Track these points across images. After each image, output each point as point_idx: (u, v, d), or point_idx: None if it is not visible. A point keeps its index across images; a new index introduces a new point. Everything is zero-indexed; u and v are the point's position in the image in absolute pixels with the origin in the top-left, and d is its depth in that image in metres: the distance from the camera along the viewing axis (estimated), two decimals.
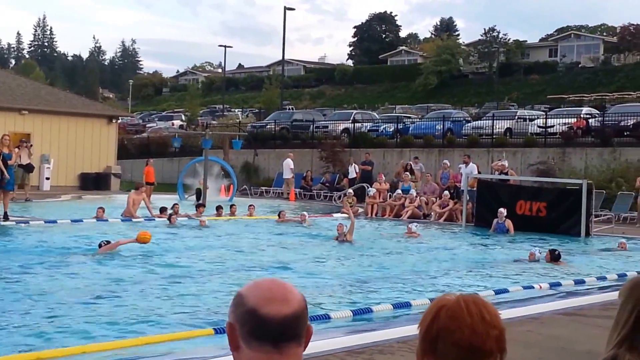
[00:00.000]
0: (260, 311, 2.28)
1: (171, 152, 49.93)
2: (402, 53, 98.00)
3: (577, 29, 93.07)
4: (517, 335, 9.85)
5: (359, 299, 12.79)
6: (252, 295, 2.33)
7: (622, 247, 20.92)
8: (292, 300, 2.32)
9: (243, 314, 2.31)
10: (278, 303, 2.30)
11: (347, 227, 20.96)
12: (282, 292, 2.33)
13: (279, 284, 2.37)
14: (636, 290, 3.42)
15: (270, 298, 2.31)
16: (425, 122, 45.47)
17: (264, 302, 2.30)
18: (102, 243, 17.35)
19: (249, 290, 2.36)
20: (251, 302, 2.31)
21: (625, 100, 55.06)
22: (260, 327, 2.28)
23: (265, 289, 2.34)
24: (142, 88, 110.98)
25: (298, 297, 2.36)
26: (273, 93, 70.24)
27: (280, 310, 2.28)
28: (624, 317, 3.39)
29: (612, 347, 3.39)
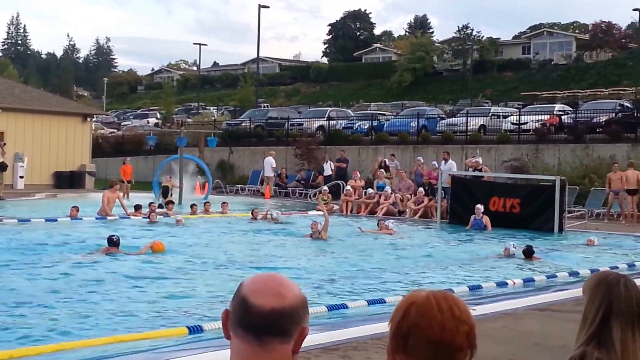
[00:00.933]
0: (249, 301, 2.29)
1: (146, 150, 49.73)
2: (376, 50, 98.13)
3: (549, 27, 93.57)
4: (491, 331, 9.91)
5: (334, 296, 12.82)
6: (248, 284, 2.34)
7: (590, 243, 21.07)
8: (285, 296, 2.31)
9: (236, 301, 2.32)
10: (268, 296, 2.29)
11: (322, 224, 20.96)
12: (277, 287, 2.32)
13: (277, 278, 2.37)
14: (601, 287, 3.46)
15: (262, 290, 2.31)
16: (400, 120, 45.53)
17: (254, 293, 2.30)
18: (113, 238, 17.39)
19: (248, 280, 2.37)
20: (244, 291, 2.32)
21: (598, 96, 55.43)
22: (246, 317, 2.29)
23: (261, 281, 2.35)
24: (116, 86, 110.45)
25: (294, 294, 2.34)
26: (248, 91, 70.14)
27: (267, 303, 2.28)
28: (591, 315, 3.43)
29: (580, 345, 3.43)
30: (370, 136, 42.64)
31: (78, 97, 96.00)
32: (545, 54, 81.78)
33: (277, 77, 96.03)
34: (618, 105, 40.10)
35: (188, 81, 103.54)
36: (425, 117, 44.66)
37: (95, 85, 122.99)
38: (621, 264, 16.95)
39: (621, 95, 55.03)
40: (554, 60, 78.45)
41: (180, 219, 24.24)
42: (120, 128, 63.30)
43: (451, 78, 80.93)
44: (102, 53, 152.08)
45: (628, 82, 60.63)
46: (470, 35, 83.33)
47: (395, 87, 79.66)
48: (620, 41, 75.51)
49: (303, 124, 47.24)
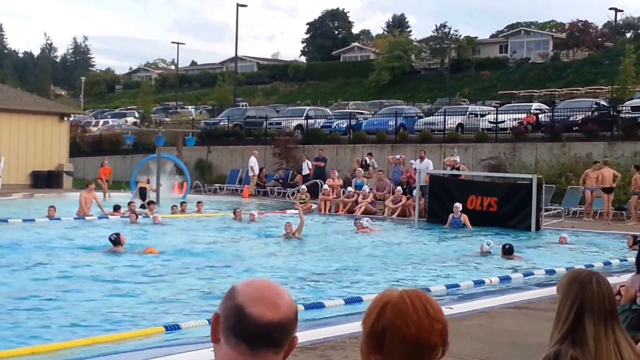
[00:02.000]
0: (246, 309, 2.25)
1: (124, 150, 49.56)
2: (354, 49, 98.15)
3: (526, 26, 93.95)
4: (468, 329, 9.97)
5: (310, 295, 12.84)
6: (244, 292, 2.29)
7: (562, 241, 21.19)
8: (281, 307, 2.28)
9: (230, 308, 2.28)
10: (266, 306, 2.26)
11: (296, 225, 20.92)
12: (274, 296, 2.29)
13: (274, 287, 2.33)
14: (573, 286, 3.50)
15: (260, 299, 2.27)
16: (378, 118, 45.60)
17: (251, 302, 2.26)
18: (112, 237, 17.46)
19: (242, 286, 2.32)
20: (240, 298, 2.28)
21: (574, 95, 55.67)
22: (241, 326, 2.25)
23: (257, 288, 2.30)
24: (94, 85, 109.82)
25: (288, 305, 2.31)
26: (226, 90, 69.95)
27: (264, 314, 2.25)
28: (564, 313, 3.47)
29: (554, 343, 3.47)
30: (348, 135, 42.69)
31: (55, 97, 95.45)
32: (522, 52, 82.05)
33: (255, 76, 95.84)
34: (594, 103, 40.32)
35: (166, 80, 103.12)
36: (403, 116, 44.77)
37: (73, 85, 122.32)
38: (597, 263, 17.06)
39: (597, 94, 55.29)
40: (531, 59, 78.71)
41: (158, 217, 24.20)
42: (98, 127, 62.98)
43: (429, 77, 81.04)
44: (80, 52, 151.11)
45: (604, 80, 60.90)
46: (448, 34, 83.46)
47: (374, 86, 79.68)
48: (596, 40, 75.86)
49: (281, 123, 47.22)
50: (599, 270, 15.48)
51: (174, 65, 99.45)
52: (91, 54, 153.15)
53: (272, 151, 41.64)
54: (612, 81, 53.17)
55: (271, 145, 42.06)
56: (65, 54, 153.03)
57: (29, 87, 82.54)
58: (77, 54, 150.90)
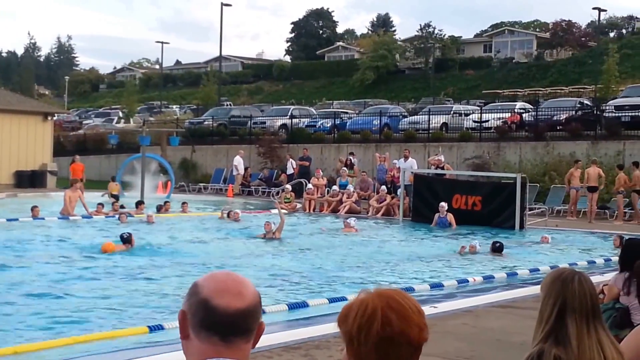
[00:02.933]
0: (212, 302, 2.28)
1: (108, 149, 49.41)
2: (339, 49, 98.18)
3: (510, 25, 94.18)
4: (452, 328, 9.99)
5: (294, 295, 12.83)
6: (207, 285, 2.33)
7: (544, 241, 21.26)
8: (246, 295, 2.32)
9: (196, 303, 2.31)
10: (231, 296, 2.29)
11: (276, 224, 20.84)
12: (237, 285, 2.33)
13: (235, 277, 2.37)
14: (556, 285, 3.51)
15: (224, 290, 2.31)
16: (363, 118, 45.61)
17: (216, 294, 2.30)
18: (124, 235, 17.69)
19: (204, 280, 2.36)
20: (204, 292, 2.31)
21: (558, 94, 55.90)
22: (210, 318, 2.28)
23: (220, 280, 2.34)
24: (78, 85, 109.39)
25: (252, 292, 2.35)
26: (211, 89, 69.86)
27: (231, 304, 2.28)
28: (547, 312, 3.48)
29: (537, 342, 3.48)
30: (333, 134, 42.69)
31: (39, 96, 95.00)
32: (506, 52, 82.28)
33: (239, 76, 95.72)
34: (578, 103, 40.45)
35: (150, 80, 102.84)
36: (387, 115, 44.79)
37: (57, 84, 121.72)
38: (581, 262, 17.14)
39: (581, 93, 55.58)
40: (515, 58, 78.93)
41: (152, 216, 24.18)
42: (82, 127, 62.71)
43: (413, 76, 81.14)
44: (64, 51, 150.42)
45: (588, 80, 61.20)
46: (432, 34, 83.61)
47: (358, 86, 79.73)
48: (580, 40, 76.15)
49: (266, 122, 47.20)
50: (583, 269, 15.58)
51: (159, 65, 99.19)
52: (75, 53, 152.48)
53: (257, 150, 41.61)
54: (595, 80, 53.42)
55: (256, 145, 42.03)
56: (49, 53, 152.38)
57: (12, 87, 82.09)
58: (61, 53, 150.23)
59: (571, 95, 54.12)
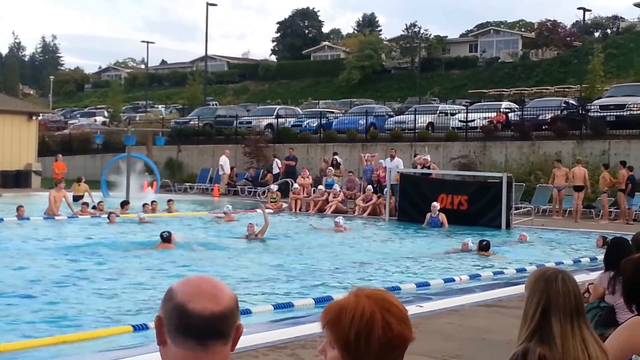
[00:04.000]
0: (187, 307, 2.28)
1: (94, 149, 49.27)
2: (325, 48, 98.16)
3: (496, 25, 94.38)
4: (438, 327, 10.02)
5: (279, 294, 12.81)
6: (181, 290, 2.32)
7: (522, 239, 21.31)
8: (221, 298, 2.31)
9: (171, 308, 2.30)
10: (206, 300, 2.29)
11: (258, 226, 20.69)
12: (212, 289, 2.32)
13: (210, 281, 2.36)
14: (540, 284, 3.53)
15: (199, 294, 2.30)
16: (349, 117, 45.62)
17: (191, 298, 2.29)
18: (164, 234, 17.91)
19: (179, 285, 2.35)
20: (179, 297, 2.30)
21: (543, 94, 56.01)
22: (186, 323, 2.28)
23: (194, 285, 2.34)
24: (63, 84, 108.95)
25: (228, 295, 2.34)
26: (196, 89, 69.76)
27: (207, 307, 2.28)
28: (531, 311, 3.50)
29: (522, 341, 3.50)
30: (319, 134, 42.69)
31: (24, 96, 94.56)
32: (492, 52, 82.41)
33: (225, 75, 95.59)
34: (563, 102, 40.58)
35: (136, 79, 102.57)
36: (373, 115, 44.82)
37: (42, 84, 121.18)
38: (567, 260, 17.21)
39: (566, 93, 55.69)
40: (501, 58, 79.07)
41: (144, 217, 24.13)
42: (67, 126, 62.48)
43: (399, 76, 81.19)
44: (49, 51, 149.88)
45: (573, 79, 61.36)
46: (418, 34, 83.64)
47: (344, 85, 79.76)
48: (565, 39, 76.33)
49: (252, 122, 47.18)
50: (568, 267, 15.64)
51: (144, 64, 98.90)
52: (60, 52, 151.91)
53: (243, 150, 41.58)
54: (580, 80, 53.57)
55: (242, 145, 41.99)
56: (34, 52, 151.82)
57: None
58: (45, 53, 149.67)
59: (557, 94, 54.23)
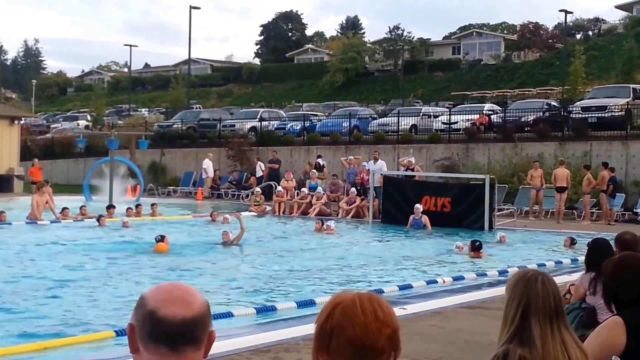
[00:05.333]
0: (158, 313, 2.28)
1: (76, 153, 49.08)
2: (308, 51, 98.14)
3: (479, 27, 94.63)
4: (421, 330, 10.03)
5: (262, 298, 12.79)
6: (152, 297, 2.33)
7: (502, 240, 21.38)
8: (192, 304, 2.32)
9: (143, 315, 2.31)
10: (177, 306, 2.29)
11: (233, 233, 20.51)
12: (183, 295, 2.33)
13: (181, 287, 2.37)
14: (520, 286, 3.55)
15: (170, 300, 2.30)
16: (332, 120, 45.65)
17: (162, 304, 2.29)
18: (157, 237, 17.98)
19: (150, 292, 2.35)
20: (150, 304, 2.31)
21: (526, 96, 56.26)
22: (157, 329, 2.28)
23: (165, 291, 2.34)
24: (46, 88, 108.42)
25: (200, 301, 2.35)
26: (180, 92, 69.59)
27: (178, 313, 2.28)
28: (511, 314, 3.52)
29: (503, 343, 3.52)
30: (302, 137, 42.68)
31: (6, 100, 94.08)
32: (474, 54, 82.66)
33: (209, 79, 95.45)
34: (545, 104, 40.78)
35: (119, 83, 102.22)
36: (357, 117, 44.85)
37: (24, 88, 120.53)
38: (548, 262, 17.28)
39: (549, 95, 55.98)
40: (484, 60, 79.34)
41: (127, 221, 24.02)
42: (50, 130, 62.19)
43: (383, 78, 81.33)
44: (31, 55, 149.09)
45: (555, 81, 61.64)
46: (401, 36, 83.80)
47: (328, 88, 79.80)
48: (547, 41, 76.65)
49: (235, 125, 47.12)
50: (550, 269, 15.71)
51: (127, 68, 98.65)
52: (42, 56, 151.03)
53: (226, 153, 41.51)
54: (562, 82, 53.82)
55: (225, 148, 41.93)
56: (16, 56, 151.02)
57: None
58: (28, 57, 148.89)
59: (539, 96, 54.52)
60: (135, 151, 40.81)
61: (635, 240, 7.62)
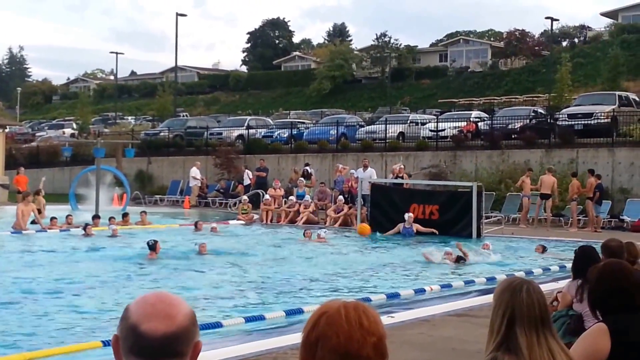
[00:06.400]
0: (140, 328, 2.27)
1: (62, 162, 48.89)
2: (295, 59, 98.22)
3: (465, 35, 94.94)
4: (409, 338, 10.02)
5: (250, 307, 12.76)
6: (135, 310, 2.31)
7: (485, 248, 21.36)
8: (175, 317, 2.29)
9: (126, 328, 2.29)
10: (159, 320, 2.27)
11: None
12: (166, 308, 2.30)
13: (165, 299, 2.34)
14: (505, 295, 3.56)
15: (152, 314, 2.28)
16: (320, 128, 45.64)
17: (144, 318, 2.28)
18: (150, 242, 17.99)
19: (134, 304, 2.34)
20: (133, 317, 2.29)
21: (513, 103, 56.48)
22: (138, 344, 2.26)
23: (148, 304, 2.32)
24: (31, 96, 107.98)
25: (184, 313, 2.32)
26: (166, 100, 69.50)
27: (159, 328, 2.26)
28: (497, 323, 3.53)
29: (490, 351, 3.53)
30: (290, 145, 42.67)
31: None
32: (461, 61, 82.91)
33: (195, 86, 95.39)
34: (532, 111, 40.87)
35: (105, 90, 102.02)
36: (344, 125, 44.86)
37: (9, 96, 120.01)
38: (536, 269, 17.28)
39: (535, 102, 56.18)
40: (470, 67, 79.57)
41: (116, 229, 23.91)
42: (35, 139, 61.93)
43: (370, 86, 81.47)
44: (16, 62, 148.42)
45: (542, 88, 61.87)
46: (388, 43, 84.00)
47: (315, 95, 79.89)
48: (533, 49, 76.94)
49: (222, 133, 47.06)
50: (538, 276, 15.72)
51: (113, 75, 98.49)
52: (27, 64, 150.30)
53: (214, 162, 41.44)
54: (549, 89, 54.01)
55: (212, 156, 41.86)
56: (0, 64, 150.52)
57: None
58: (12, 64, 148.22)
59: (525, 103, 54.74)
60: (122, 159, 40.72)
61: (621, 248, 7.67)
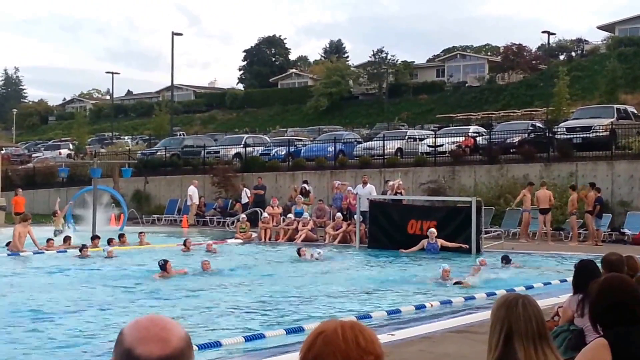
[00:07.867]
0: (135, 351, 2.23)
1: (58, 182, 48.82)
2: (292, 76, 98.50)
3: (462, 49, 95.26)
4: (409, 356, 9.88)
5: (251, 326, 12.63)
6: (129, 334, 2.28)
7: (481, 264, 21.21)
8: (169, 340, 2.26)
9: (121, 353, 2.26)
10: (153, 343, 2.24)
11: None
12: (160, 332, 2.27)
13: (158, 322, 2.31)
14: (501, 311, 3.56)
15: (146, 338, 2.25)
16: (317, 145, 45.64)
17: (138, 343, 2.24)
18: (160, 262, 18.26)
19: (128, 328, 2.31)
20: (127, 341, 2.26)
21: (511, 117, 56.54)
22: None
23: (142, 328, 2.29)
24: (27, 117, 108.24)
25: (178, 336, 2.29)
26: (163, 119, 69.54)
27: (153, 352, 2.22)
28: (495, 339, 3.54)
29: None
30: (287, 162, 42.62)
31: None
32: (459, 76, 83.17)
33: (192, 105, 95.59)
34: (530, 125, 40.88)
35: (101, 110, 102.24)
36: (342, 141, 44.84)
37: (5, 117, 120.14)
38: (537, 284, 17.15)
39: (533, 116, 56.27)
40: (468, 82, 79.76)
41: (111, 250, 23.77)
42: (31, 160, 61.90)
43: (367, 102, 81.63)
44: (11, 83, 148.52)
45: (539, 102, 61.99)
46: (385, 59, 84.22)
47: (312, 112, 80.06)
48: (530, 63, 77.16)
49: (219, 151, 47.01)
50: (538, 290, 15.57)
51: (109, 95, 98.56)
52: (23, 85, 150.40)
53: (211, 180, 41.38)
54: (547, 103, 54.11)
55: (210, 174, 41.80)
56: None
57: None
58: (8, 86, 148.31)
59: (523, 118, 54.78)
60: (119, 179, 40.60)
61: (621, 262, 7.63)
